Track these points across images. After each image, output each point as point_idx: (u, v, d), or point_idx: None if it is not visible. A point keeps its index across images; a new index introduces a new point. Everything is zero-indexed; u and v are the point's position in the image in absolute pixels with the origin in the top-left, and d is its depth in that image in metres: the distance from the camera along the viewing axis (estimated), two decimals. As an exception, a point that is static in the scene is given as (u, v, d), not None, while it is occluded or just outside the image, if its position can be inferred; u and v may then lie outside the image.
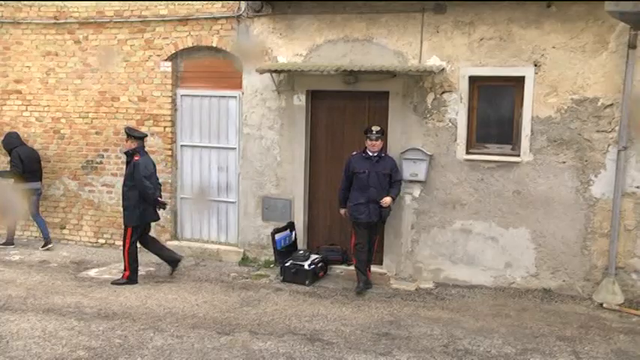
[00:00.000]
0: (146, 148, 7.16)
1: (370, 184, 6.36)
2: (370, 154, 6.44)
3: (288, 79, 7.33)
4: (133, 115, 8.14)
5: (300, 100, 7.38)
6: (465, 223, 6.95)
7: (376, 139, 6.39)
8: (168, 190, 8.06)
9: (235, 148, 7.87)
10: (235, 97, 7.78)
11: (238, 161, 7.82)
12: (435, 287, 6.93)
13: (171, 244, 8.01)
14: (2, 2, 8.03)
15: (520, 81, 6.53)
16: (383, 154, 6.48)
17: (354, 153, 6.58)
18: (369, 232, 6.53)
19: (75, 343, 5.05)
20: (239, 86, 7.60)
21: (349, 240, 6.85)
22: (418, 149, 6.87)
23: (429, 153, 6.91)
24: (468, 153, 6.87)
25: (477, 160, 6.82)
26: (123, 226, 6.88)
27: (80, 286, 6.70)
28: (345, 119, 7.40)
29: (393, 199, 6.54)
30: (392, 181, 6.55)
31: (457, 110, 6.83)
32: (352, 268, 7.10)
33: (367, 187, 6.34)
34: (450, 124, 6.89)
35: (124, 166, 6.93)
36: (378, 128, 6.40)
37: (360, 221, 6.44)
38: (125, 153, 6.84)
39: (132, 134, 6.76)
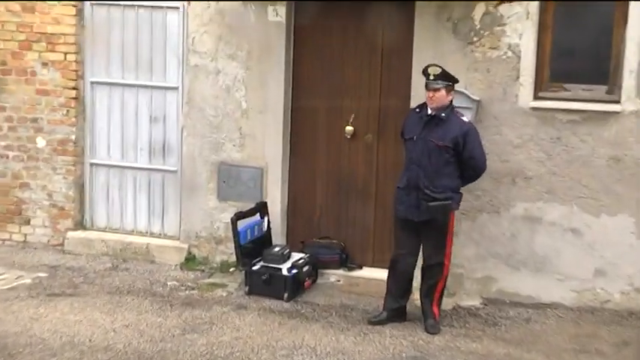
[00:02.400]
0: (37, 86, 7.13)
1: (413, 159, 6.23)
2: (427, 112, 6.24)
3: (260, -21, 7.31)
4: (14, 35, 8.04)
5: (277, 14, 7.33)
6: (530, 208, 6.86)
7: (435, 89, 6.13)
8: (70, 152, 8.05)
9: (177, 88, 7.81)
10: (178, 8, 7.69)
11: (181, 108, 7.78)
12: (483, 305, 6.89)
13: (74, 237, 8.08)
14: None
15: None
16: (447, 114, 6.19)
17: (419, 106, 6.38)
18: (413, 236, 6.33)
19: None
20: (183, -9, 7.60)
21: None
22: (459, 92, 6.65)
23: (475, 98, 6.78)
24: (536, 98, 6.79)
25: (550, 108, 6.73)
26: None
27: None
28: (347, 44, 7.37)
29: (447, 203, 6.20)
30: (459, 162, 6.25)
31: (521, 31, 6.73)
32: (354, 274, 7.28)
33: (410, 161, 6.27)
34: (510, 54, 6.78)
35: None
36: (439, 70, 6.15)
37: (398, 215, 6.33)
38: None
39: None
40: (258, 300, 6.83)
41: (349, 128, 7.32)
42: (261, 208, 7.39)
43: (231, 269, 7.54)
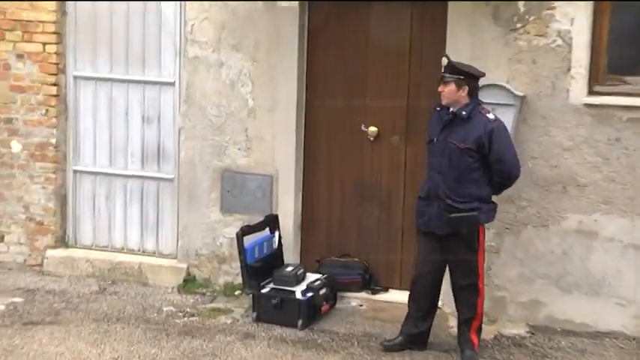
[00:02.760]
0: (12, 82, 7.47)
1: (434, 165, 6.21)
2: (449, 108, 6.20)
3: (269, -43, 7.45)
4: (-17, 22, 8.18)
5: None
6: (584, 220, 6.80)
7: (444, 82, 6.10)
8: (50, 157, 8.06)
9: (173, 84, 7.84)
10: (174, -9, 7.87)
11: (179, 107, 7.78)
12: (529, 334, 6.79)
13: (55, 256, 8.06)
14: None
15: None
16: (468, 111, 6.08)
17: (440, 104, 6.35)
18: (436, 252, 6.25)
19: None
20: (181, -28, 7.81)
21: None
22: (500, 86, 6.74)
23: (519, 94, 6.73)
24: (591, 93, 6.70)
25: (607, 105, 6.65)
26: None
27: None
28: (369, 33, 7.39)
29: (471, 215, 6.06)
30: (487, 167, 6.13)
31: (573, 15, 6.65)
32: (379, 297, 7.34)
33: (431, 167, 6.28)
34: (560, 42, 6.70)
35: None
36: (446, 61, 6.14)
37: (419, 228, 6.34)
38: None
39: None
40: (267, 328, 6.79)
41: (373, 129, 7.28)
42: (271, 222, 7.40)
43: (236, 292, 7.54)
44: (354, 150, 7.34)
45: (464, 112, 6.06)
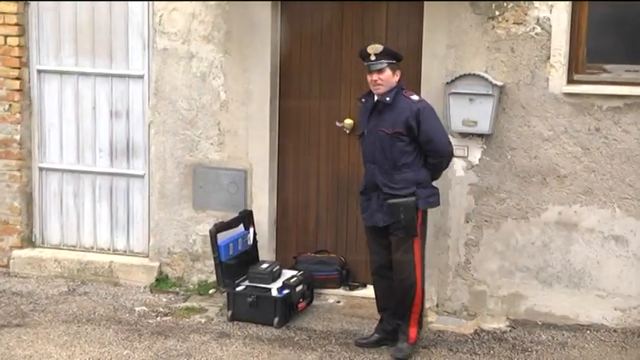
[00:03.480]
0: None
1: (367, 157, 6.31)
2: (374, 98, 6.28)
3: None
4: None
5: None
6: (565, 212, 6.83)
7: (379, 70, 6.14)
8: (14, 154, 8.02)
9: (142, 77, 7.82)
10: (141, -21, 7.85)
11: (148, 101, 7.76)
12: (510, 328, 6.83)
13: (21, 256, 8.05)
14: None
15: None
16: (392, 96, 6.20)
17: (364, 95, 6.48)
18: (386, 245, 6.32)
19: None
20: (148, -41, 7.76)
21: None
22: (478, 76, 6.75)
23: (498, 83, 6.72)
24: (570, 82, 6.74)
25: (587, 94, 6.69)
26: None
27: None
28: (345, 23, 7.39)
29: (409, 200, 6.12)
30: (424, 151, 6.22)
31: (552, 3, 6.68)
32: (356, 293, 7.38)
33: (365, 160, 6.39)
34: (539, 29, 6.73)
35: None
36: (380, 48, 6.17)
37: (365, 224, 6.47)
38: None
39: None
40: (243, 327, 6.80)
41: (349, 121, 7.29)
42: (246, 218, 7.39)
43: (210, 291, 7.54)
44: (330, 143, 7.36)
45: (387, 98, 6.11)
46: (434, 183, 6.42)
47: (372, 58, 6.12)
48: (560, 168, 6.76)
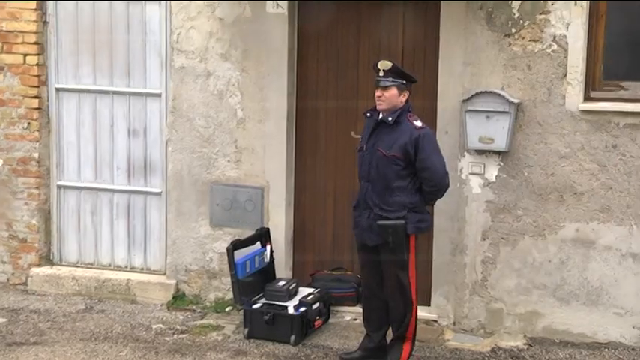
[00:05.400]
0: None
1: (362, 174, 6.26)
2: (380, 116, 6.22)
3: (256, -35, 7.46)
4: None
5: (278, 5, 7.36)
6: (582, 229, 6.82)
7: (384, 86, 6.10)
8: (33, 172, 8.01)
9: (160, 95, 7.83)
10: (159, -1, 7.87)
11: (165, 119, 7.76)
12: (527, 346, 6.81)
13: (39, 274, 8.02)
14: None
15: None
16: (394, 117, 6.13)
17: (371, 110, 6.41)
18: (376, 263, 6.24)
19: None
20: (165, -20, 7.78)
21: None
22: (495, 93, 6.75)
23: (514, 100, 6.73)
24: (587, 99, 6.74)
25: (604, 111, 6.68)
26: None
27: None
28: (361, 40, 7.39)
29: (398, 224, 6.06)
30: (419, 178, 6.15)
31: (569, 20, 6.67)
32: None
33: (360, 176, 6.34)
34: (555, 47, 6.73)
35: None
36: (389, 65, 6.12)
37: (355, 239, 6.44)
38: None
39: None
40: (260, 344, 6.77)
41: None
42: (262, 236, 7.37)
43: (227, 308, 7.51)
44: (347, 159, 7.27)
45: (390, 119, 6.04)
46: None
47: (381, 73, 6.10)
48: (577, 185, 6.72)
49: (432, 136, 6.20)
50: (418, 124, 6.12)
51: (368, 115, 6.29)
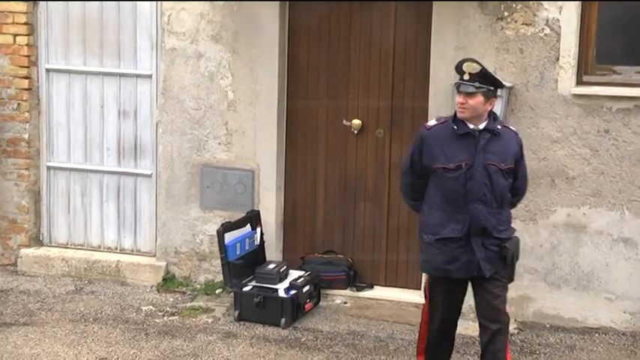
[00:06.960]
0: None
1: (470, 195, 5.36)
2: (470, 125, 5.36)
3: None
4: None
5: None
6: (573, 214, 6.84)
7: (469, 94, 5.27)
8: (22, 153, 8.04)
9: (150, 76, 7.84)
10: (149, -21, 7.81)
11: (156, 100, 7.78)
12: (518, 330, 6.82)
13: (29, 255, 8.05)
14: None
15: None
16: (498, 125, 5.46)
17: (434, 122, 5.58)
18: (459, 300, 5.61)
19: None
20: (156, -41, 7.70)
21: (422, 310, 5.98)
22: None
23: (506, 84, 6.59)
24: (580, 83, 6.76)
25: (597, 95, 6.70)
26: None
27: None
28: (352, 23, 7.40)
29: (517, 239, 5.59)
30: (512, 187, 5.61)
31: (562, 3, 6.70)
32: (364, 294, 7.35)
33: (465, 199, 5.39)
34: (548, 30, 6.75)
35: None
36: (478, 68, 5.30)
37: (444, 275, 5.50)
38: None
39: None
40: (250, 327, 6.81)
41: (357, 122, 7.29)
42: (253, 218, 7.40)
43: (217, 291, 7.53)
44: (337, 144, 7.36)
45: (499, 127, 5.40)
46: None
47: (466, 77, 5.32)
48: (569, 170, 6.75)
49: None
50: (513, 128, 5.71)
51: (443, 122, 5.47)
